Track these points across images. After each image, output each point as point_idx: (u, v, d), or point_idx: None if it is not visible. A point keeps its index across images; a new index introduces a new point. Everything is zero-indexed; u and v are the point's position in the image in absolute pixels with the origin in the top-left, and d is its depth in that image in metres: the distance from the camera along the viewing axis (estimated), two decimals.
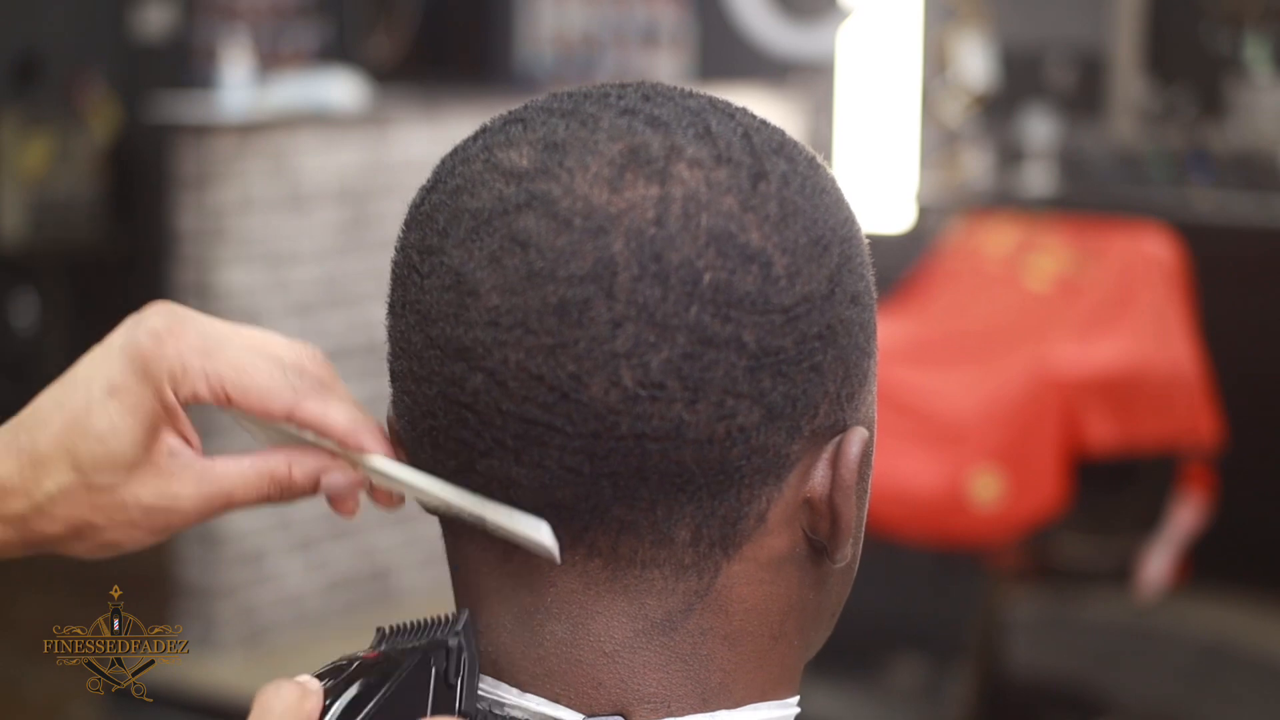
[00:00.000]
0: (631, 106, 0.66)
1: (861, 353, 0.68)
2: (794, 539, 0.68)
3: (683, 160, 0.64)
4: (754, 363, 0.64)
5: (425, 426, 0.67)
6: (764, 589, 0.68)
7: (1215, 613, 4.48)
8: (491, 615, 0.68)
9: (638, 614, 0.66)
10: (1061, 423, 3.65)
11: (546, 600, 0.67)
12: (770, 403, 0.64)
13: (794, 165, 0.67)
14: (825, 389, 0.66)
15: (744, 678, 0.68)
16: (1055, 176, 5.24)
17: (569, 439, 0.63)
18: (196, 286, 4.22)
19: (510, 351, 0.63)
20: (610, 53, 6.00)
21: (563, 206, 0.63)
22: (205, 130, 4.24)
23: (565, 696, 0.66)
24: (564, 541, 0.65)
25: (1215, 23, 5.31)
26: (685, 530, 0.65)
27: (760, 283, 0.64)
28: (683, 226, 0.63)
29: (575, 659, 0.66)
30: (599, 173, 0.64)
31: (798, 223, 0.65)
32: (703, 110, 0.67)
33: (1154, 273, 4.08)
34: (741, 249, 0.64)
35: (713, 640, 0.67)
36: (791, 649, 0.70)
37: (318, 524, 4.44)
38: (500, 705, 0.67)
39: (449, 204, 0.66)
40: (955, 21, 5.43)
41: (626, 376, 0.63)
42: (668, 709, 0.66)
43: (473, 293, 0.64)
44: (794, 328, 0.64)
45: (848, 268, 0.67)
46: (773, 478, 0.66)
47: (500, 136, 0.67)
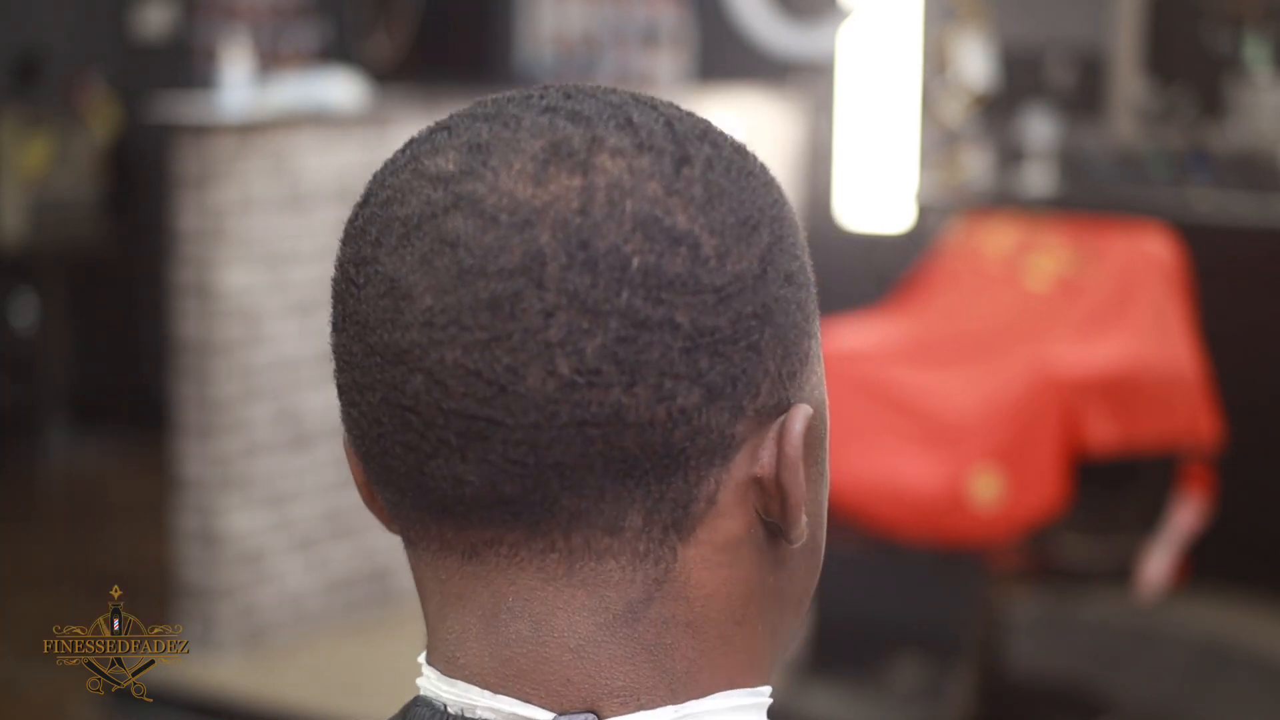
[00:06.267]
0: (553, 104, 0.68)
1: (801, 332, 0.69)
2: (748, 520, 0.68)
3: (605, 150, 0.66)
4: (689, 343, 0.64)
5: (373, 435, 0.67)
6: (722, 572, 0.68)
7: (1215, 613, 4.48)
8: (457, 620, 0.68)
9: (599, 607, 0.67)
10: (1061, 423, 3.66)
11: (508, 600, 0.67)
12: (709, 383, 0.65)
13: (718, 150, 0.68)
14: (765, 368, 0.67)
15: (709, 665, 0.68)
16: (1055, 176, 5.24)
17: (510, 432, 0.64)
18: (196, 286, 4.22)
19: (446, 350, 0.64)
20: (610, 53, 6.00)
21: (488, 204, 0.65)
22: (205, 130, 4.24)
23: (536, 696, 0.66)
24: (519, 538, 0.66)
25: (1215, 23, 5.31)
26: (637, 516, 0.66)
27: (690, 264, 0.65)
28: (608, 214, 0.64)
29: (542, 657, 0.67)
30: (522, 169, 0.65)
31: (724, 204, 0.66)
32: (624, 104, 0.68)
33: (1154, 273, 4.08)
34: (668, 232, 0.65)
35: (676, 629, 0.67)
36: (756, 635, 0.70)
37: (318, 524, 4.45)
38: (472, 709, 0.67)
39: (380, 215, 0.67)
40: (955, 21, 5.43)
41: (562, 365, 0.63)
42: (637, 702, 0.67)
43: (406, 296, 0.65)
44: (728, 307, 0.65)
45: (779, 247, 0.68)
46: (719, 459, 0.66)
47: (427, 145, 0.68)
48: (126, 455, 6.31)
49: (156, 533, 4.76)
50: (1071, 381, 3.69)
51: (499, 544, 0.67)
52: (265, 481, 4.32)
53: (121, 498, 5.97)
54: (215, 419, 4.22)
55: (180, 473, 4.28)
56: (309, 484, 4.41)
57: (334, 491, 4.46)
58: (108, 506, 5.91)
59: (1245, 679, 4.21)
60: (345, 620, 4.47)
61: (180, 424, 4.26)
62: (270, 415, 4.31)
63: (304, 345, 4.36)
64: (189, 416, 4.24)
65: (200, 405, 4.22)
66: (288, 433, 4.35)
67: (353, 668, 4.24)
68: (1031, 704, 4.01)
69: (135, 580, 4.56)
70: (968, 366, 3.83)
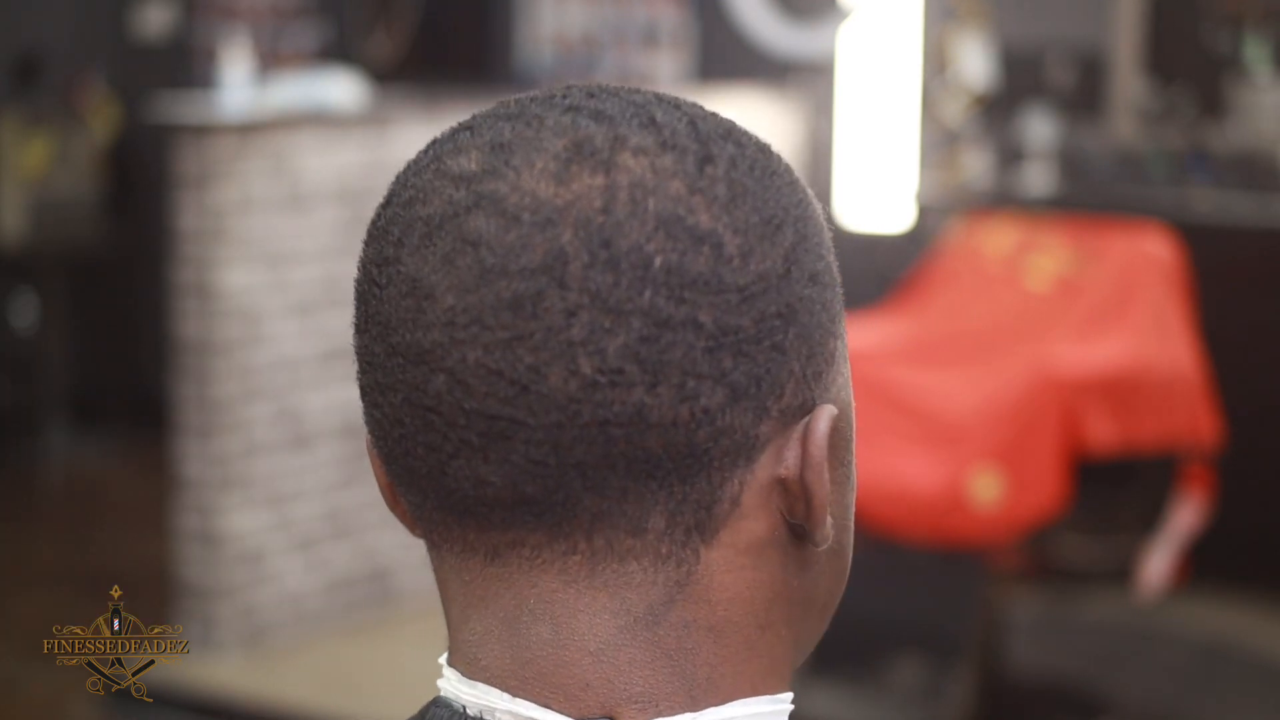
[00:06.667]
0: (576, 104, 0.67)
1: (826, 332, 0.68)
2: (772, 522, 0.68)
3: (627, 149, 0.65)
4: (712, 343, 0.64)
5: (395, 436, 0.67)
6: (746, 575, 0.68)
7: (1215, 613, 4.48)
8: (479, 622, 0.68)
9: (620, 609, 0.66)
10: (1061, 423, 3.65)
11: (530, 602, 0.67)
12: (733, 383, 0.65)
13: (742, 149, 0.68)
14: (790, 368, 0.66)
15: (731, 671, 0.68)
16: (1055, 176, 5.24)
17: (532, 431, 0.64)
18: (196, 286, 4.22)
19: (468, 350, 0.64)
20: (610, 53, 6.00)
21: (510, 203, 0.64)
22: (205, 130, 4.24)
23: (555, 700, 0.66)
24: (541, 539, 0.66)
25: (1215, 23, 5.31)
26: (659, 518, 0.65)
27: (713, 263, 0.64)
28: (630, 213, 0.64)
29: (561, 660, 0.66)
30: (544, 168, 0.65)
31: (747, 203, 0.66)
32: (648, 103, 0.68)
33: (1154, 273, 4.08)
34: (691, 231, 0.64)
35: (697, 633, 0.67)
36: (780, 640, 0.70)
37: (318, 524, 4.45)
38: (491, 712, 0.67)
39: (403, 215, 0.67)
40: (955, 21, 5.43)
41: (584, 364, 0.63)
42: (655, 709, 0.66)
43: (429, 296, 0.65)
44: (751, 306, 0.65)
45: (804, 246, 0.67)
46: (743, 460, 0.66)
47: (449, 145, 0.68)
48: (126, 455, 6.31)
49: (156, 533, 4.76)
50: (1071, 381, 3.69)
51: (521, 546, 0.66)
52: (265, 481, 4.32)
53: (121, 498, 5.97)
54: (215, 419, 4.22)
55: (180, 473, 4.28)
56: (309, 484, 4.41)
57: (334, 491, 4.46)
58: (108, 506, 5.91)
59: (1245, 679, 4.21)
60: (345, 620, 4.47)
61: (180, 424, 4.27)
62: (270, 415, 4.31)
63: (304, 345, 4.36)
64: (189, 416, 4.24)
65: (200, 405, 4.22)
66: (288, 433, 4.35)
67: (353, 668, 4.24)
68: (1031, 704, 4.01)
69: (135, 580, 4.56)
70: (968, 366, 3.83)
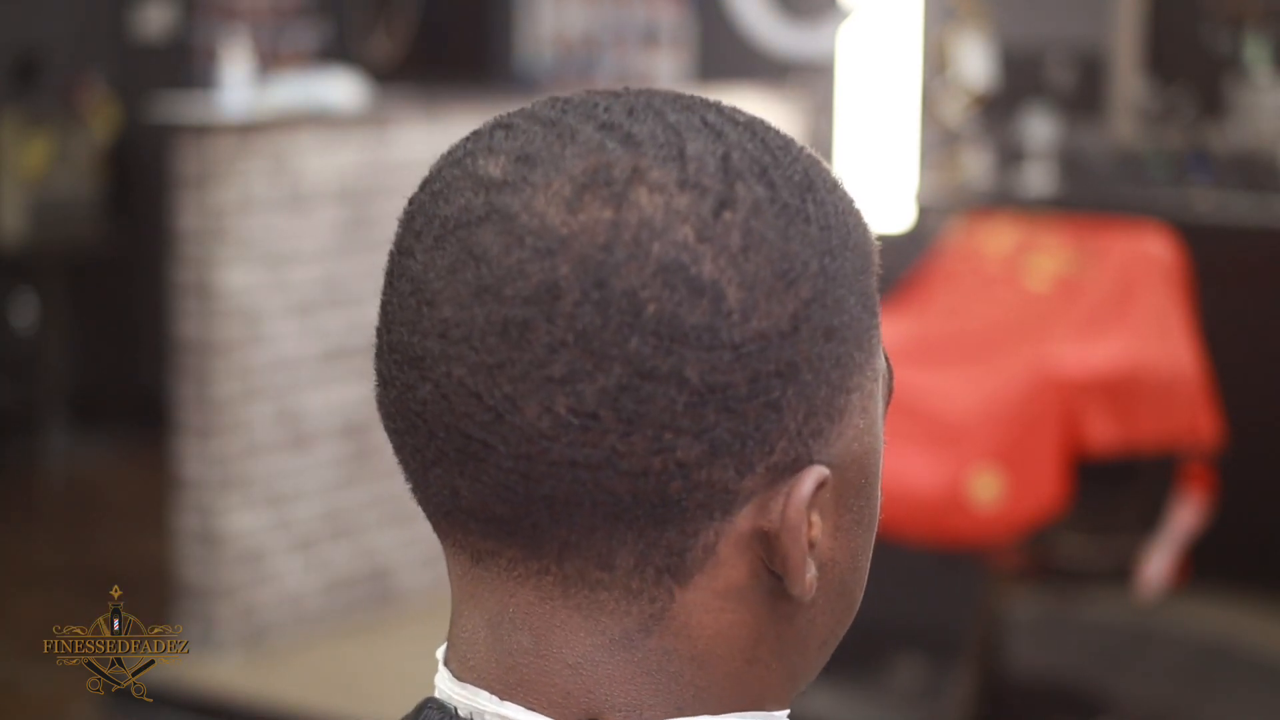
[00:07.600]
0: (611, 121, 0.65)
1: (835, 389, 0.65)
2: (753, 569, 0.66)
3: (644, 184, 0.63)
4: (696, 399, 0.62)
5: (392, 429, 0.68)
6: (726, 617, 0.66)
7: (1215, 613, 4.48)
8: (469, 619, 0.68)
9: (595, 629, 0.65)
10: (1061, 423, 3.65)
11: (510, 610, 0.66)
12: (715, 439, 0.63)
13: (774, 191, 0.65)
14: (784, 426, 0.64)
15: (718, 694, 0.67)
16: (1055, 176, 5.24)
17: (503, 459, 0.63)
18: (196, 286, 4.22)
19: (454, 366, 0.63)
20: (610, 53, 6.00)
21: (519, 223, 0.63)
22: (205, 130, 4.24)
23: (539, 705, 0.66)
24: (516, 554, 0.65)
25: (1215, 23, 5.31)
26: (628, 556, 0.64)
27: (709, 316, 0.62)
28: (631, 254, 0.62)
29: (542, 669, 0.66)
30: (559, 191, 0.63)
31: (761, 254, 0.63)
32: (686, 128, 0.65)
33: (1154, 272, 4.08)
34: (691, 281, 0.62)
35: (679, 660, 0.66)
36: (771, 672, 0.68)
37: (318, 524, 4.44)
38: (480, 714, 0.66)
39: (428, 207, 0.67)
40: (955, 21, 5.43)
41: (560, 403, 0.62)
42: (640, 717, 0.66)
43: (430, 302, 0.65)
44: (745, 365, 0.63)
45: (820, 302, 0.65)
46: (719, 512, 0.64)
47: (485, 141, 0.67)
48: (126, 455, 6.31)
49: (156, 533, 4.76)
50: (1072, 381, 3.69)
51: (499, 555, 0.66)
52: (265, 481, 4.32)
53: (121, 498, 5.97)
54: (215, 419, 4.22)
55: (180, 473, 4.28)
56: (309, 484, 4.41)
57: (334, 491, 4.46)
58: (108, 506, 5.91)
59: (1245, 679, 4.21)
60: (345, 620, 4.47)
61: (180, 424, 4.26)
62: (270, 415, 4.31)
63: (304, 345, 4.36)
64: (189, 416, 4.24)
65: (200, 405, 4.22)
66: (288, 433, 4.35)
67: (353, 668, 4.24)
68: (1031, 704, 4.01)
69: (135, 580, 4.56)
70: (968, 366, 3.83)
